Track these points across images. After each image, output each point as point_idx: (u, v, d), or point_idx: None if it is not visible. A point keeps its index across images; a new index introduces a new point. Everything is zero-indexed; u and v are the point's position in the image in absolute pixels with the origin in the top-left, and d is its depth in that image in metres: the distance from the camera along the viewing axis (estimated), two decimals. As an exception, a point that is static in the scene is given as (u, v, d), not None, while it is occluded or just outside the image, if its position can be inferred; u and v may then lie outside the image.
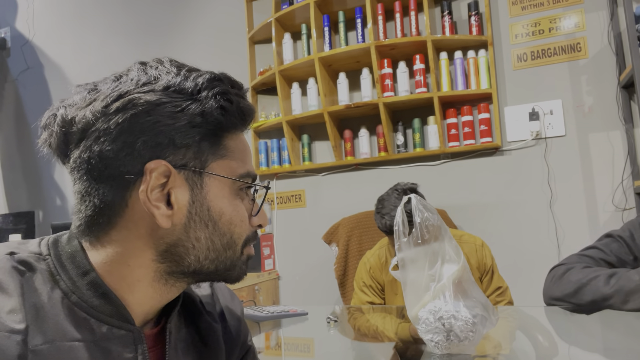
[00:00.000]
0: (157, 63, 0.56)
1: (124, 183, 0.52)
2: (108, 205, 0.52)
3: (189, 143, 0.53)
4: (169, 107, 0.51)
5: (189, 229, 0.54)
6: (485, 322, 0.85)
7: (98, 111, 0.51)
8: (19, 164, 3.57)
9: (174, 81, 0.53)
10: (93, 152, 0.51)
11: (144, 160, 0.51)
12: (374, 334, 1.32)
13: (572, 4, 2.25)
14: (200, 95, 0.53)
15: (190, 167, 0.53)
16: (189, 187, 0.53)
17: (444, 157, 2.41)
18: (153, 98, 0.51)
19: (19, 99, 3.60)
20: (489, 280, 1.68)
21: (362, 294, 1.76)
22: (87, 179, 0.52)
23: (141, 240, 0.53)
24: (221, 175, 0.55)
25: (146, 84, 0.52)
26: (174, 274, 0.56)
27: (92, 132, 0.51)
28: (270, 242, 2.69)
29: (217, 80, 0.55)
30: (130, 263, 0.53)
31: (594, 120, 2.19)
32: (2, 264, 0.50)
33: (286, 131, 2.59)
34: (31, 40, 3.57)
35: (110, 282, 0.53)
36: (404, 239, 0.88)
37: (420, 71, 2.38)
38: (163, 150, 0.52)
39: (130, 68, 0.56)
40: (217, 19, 2.95)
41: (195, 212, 0.54)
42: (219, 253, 0.56)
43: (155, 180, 0.52)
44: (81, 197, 0.53)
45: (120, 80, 0.54)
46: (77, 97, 0.54)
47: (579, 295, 1.15)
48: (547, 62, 2.27)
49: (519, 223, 2.27)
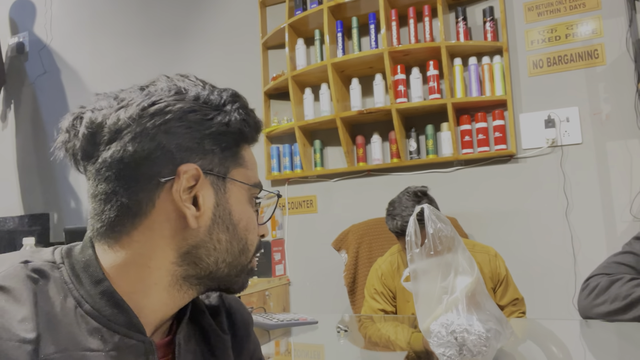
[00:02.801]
0: (181, 77, 0.59)
1: (154, 183, 0.53)
2: (136, 205, 0.53)
3: (215, 150, 0.56)
4: (200, 115, 0.55)
5: (212, 231, 0.56)
6: (499, 337, 0.83)
7: (135, 114, 0.53)
8: (35, 166, 3.62)
9: (203, 93, 0.56)
10: (127, 152, 0.52)
11: (176, 162, 0.53)
12: (386, 343, 1.30)
13: (590, 10, 2.21)
14: (226, 107, 0.57)
15: (215, 172, 0.56)
16: (214, 190, 0.56)
17: (457, 164, 2.39)
18: (185, 106, 0.54)
19: (36, 103, 3.65)
20: (503, 291, 1.65)
21: (373, 302, 1.74)
22: (116, 179, 0.53)
23: (164, 240, 0.54)
24: (241, 181, 0.58)
25: (177, 93, 0.55)
26: (189, 278, 0.56)
27: (127, 134, 0.52)
28: (281, 248, 2.68)
29: (237, 96, 0.59)
30: (150, 264, 0.54)
31: (611, 128, 2.15)
32: (15, 272, 0.51)
33: (298, 136, 2.58)
34: (48, 45, 3.62)
35: (126, 286, 0.54)
36: (417, 249, 0.87)
37: (434, 77, 2.36)
38: (193, 154, 0.54)
39: (154, 80, 0.58)
40: (231, 25, 2.97)
41: (219, 215, 0.56)
42: (235, 257, 0.58)
43: (186, 182, 0.54)
44: (106, 198, 0.54)
45: (149, 90, 0.56)
46: (103, 103, 0.55)
47: (633, 311, 1.05)
48: (564, 69, 2.24)
49: (533, 232, 2.23)
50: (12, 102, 3.76)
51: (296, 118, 2.60)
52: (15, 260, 0.52)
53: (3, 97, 3.73)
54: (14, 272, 0.50)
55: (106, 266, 0.54)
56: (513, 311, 1.65)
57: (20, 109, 3.72)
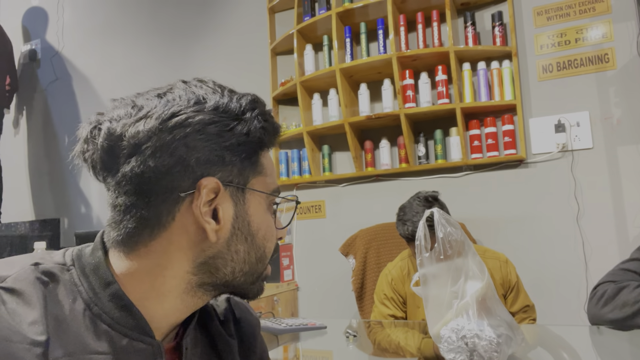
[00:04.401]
0: (199, 82, 0.57)
1: (174, 197, 0.53)
2: (155, 217, 0.53)
3: (235, 160, 0.55)
4: (219, 127, 0.54)
5: (231, 243, 0.56)
6: (510, 342, 0.82)
7: (154, 127, 0.52)
8: (46, 171, 3.66)
9: (222, 102, 0.55)
10: (148, 167, 0.52)
11: (196, 176, 0.53)
12: (395, 349, 1.29)
13: (600, 14, 2.20)
14: (245, 116, 0.55)
15: (235, 183, 0.55)
16: (233, 202, 0.56)
17: (467, 169, 2.37)
18: (205, 117, 0.53)
19: (48, 109, 3.70)
20: (514, 298, 1.64)
21: (383, 307, 1.73)
22: (135, 192, 0.53)
23: (181, 252, 0.54)
24: (260, 190, 0.58)
25: (197, 103, 0.54)
26: (205, 285, 0.56)
27: (147, 148, 0.52)
28: (290, 253, 2.68)
29: (256, 102, 0.58)
30: (165, 274, 0.54)
31: (623, 133, 2.13)
32: (26, 275, 0.51)
33: (307, 142, 2.59)
34: (60, 52, 3.67)
35: (139, 292, 0.54)
36: (426, 254, 0.86)
37: (443, 82, 2.35)
38: (213, 167, 0.54)
39: (172, 86, 0.57)
40: (240, 31, 2.99)
41: (238, 226, 0.56)
42: (252, 266, 0.58)
43: (205, 197, 0.53)
44: (125, 209, 0.53)
45: (167, 98, 0.54)
46: (120, 112, 0.54)
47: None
48: (574, 73, 2.22)
49: (543, 238, 2.21)
50: (24, 109, 3.81)
51: (305, 123, 2.61)
52: (26, 263, 0.52)
53: (16, 104, 3.79)
54: (25, 274, 0.51)
55: (119, 272, 0.54)
56: (524, 318, 1.63)
57: (32, 115, 3.77)
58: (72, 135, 3.54)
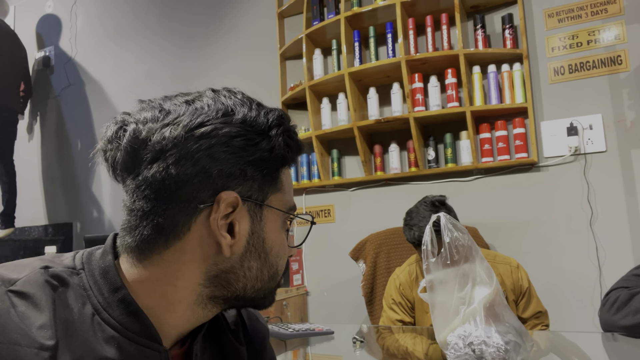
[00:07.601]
0: (229, 93, 0.57)
1: (192, 207, 0.52)
2: (171, 226, 0.52)
3: (256, 176, 0.54)
4: (245, 141, 0.53)
5: (244, 259, 0.55)
6: (518, 349, 0.81)
7: (180, 135, 0.51)
8: (59, 176, 3.71)
9: (250, 115, 0.54)
10: (169, 174, 0.51)
11: (217, 188, 0.52)
12: (404, 354, 1.28)
13: (612, 16, 2.17)
14: (272, 132, 0.55)
15: (254, 199, 0.55)
16: (250, 218, 0.55)
17: (477, 173, 2.35)
18: (232, 130, 0.53)
19: (61, 115, 3.75)
20: (526, 304, 1.61)
21: (391, 312, 1.72)
22: (154, 199, 0.52)
23: (194, 263, 0.54)
24: (277, 208, 0.57)
25: (225, 115, 0.53)
26: (215, 298, 0.56)
27: (171, 155, 0.51)
28: (299, 257, 2.67)
29: (283, 118, 0.57)
30: (176, 284, 0.53)
31: (636, 135, 2.09)
32: (35, 278, 0.50)
33: (316, 146, 2.58)
34: (73, 59, 3.72)
35: (149, 300, 0.53)
36: (433, 259, 0.85)
37: (452, 85, 2.34)
38: (234, 180, 0.53)
39: (201, 94, 0.56)
40: (250, 36, 3.01)
41: (252, 243, 0.55)
42: (264, 283, 0.57)
43: (223, 210, 0.53)
44: (142, 215, 0.53)
45: (195, 106, 0.54)
46: (147, 115, 0.53)
47: None
48: (586, 76, 2.19)
49: (556, 242, 2.18)
50: (38, 114, 3.87)
51: (314, 127, 2.61)
52: (35, 266, 0.52)
53: (30, 110, 3.85)
54: (34, 278, 0.50)
55: (130, 279, 0.54)
56: (536, 324, 1.61)
57: (45, 120, 3.83)
58: (85, 141, 3.58)
